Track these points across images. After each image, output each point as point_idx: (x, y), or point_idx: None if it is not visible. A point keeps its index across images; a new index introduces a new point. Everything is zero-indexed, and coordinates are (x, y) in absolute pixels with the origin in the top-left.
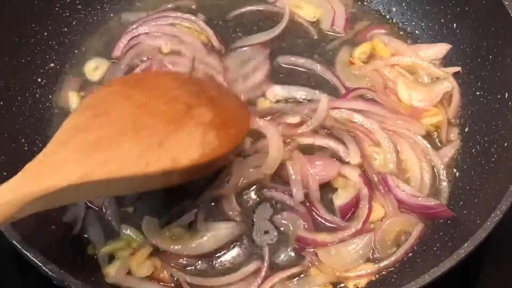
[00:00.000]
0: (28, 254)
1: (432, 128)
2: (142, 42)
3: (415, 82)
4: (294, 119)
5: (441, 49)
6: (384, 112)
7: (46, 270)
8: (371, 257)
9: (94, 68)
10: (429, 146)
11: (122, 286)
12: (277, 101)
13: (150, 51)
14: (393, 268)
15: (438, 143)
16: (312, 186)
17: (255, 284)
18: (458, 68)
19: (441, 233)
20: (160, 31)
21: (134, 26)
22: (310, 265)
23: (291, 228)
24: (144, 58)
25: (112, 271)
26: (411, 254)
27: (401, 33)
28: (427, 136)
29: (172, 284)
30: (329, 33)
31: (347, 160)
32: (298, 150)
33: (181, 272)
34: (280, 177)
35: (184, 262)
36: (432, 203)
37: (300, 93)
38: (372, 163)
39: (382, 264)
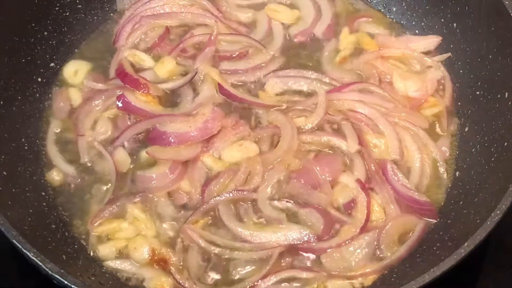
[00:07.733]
0: (28, 254)
1: (433, 119)
2: (145, 24)
3: (408, 71)
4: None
5: (432, 41)
6: (387, 105)
7: (46, 270)
8: (376, 255)
9: (74, 72)
10: (430, 139)
11: (120, 272)
12: (277, 94)
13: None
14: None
15: (439, 132)
16: (326, 190)
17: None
18: (447, 55)
19: (441, 233)
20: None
21: (133, 11)
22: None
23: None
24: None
25: (104, 251)
26: (411, 253)
27: (401, 32)
28: (428, 128)
29: (172, 267)
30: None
31: (347, 150)
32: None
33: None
34: None
35: None
36: (423, 199)
37: (298, 85)
38: (373, 153)
39: (386, 262)
